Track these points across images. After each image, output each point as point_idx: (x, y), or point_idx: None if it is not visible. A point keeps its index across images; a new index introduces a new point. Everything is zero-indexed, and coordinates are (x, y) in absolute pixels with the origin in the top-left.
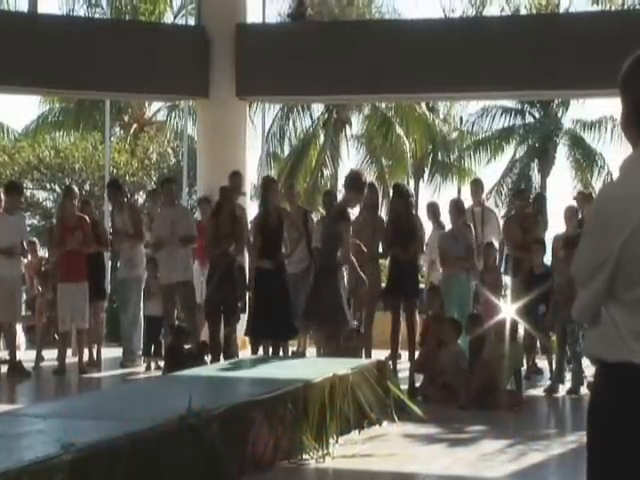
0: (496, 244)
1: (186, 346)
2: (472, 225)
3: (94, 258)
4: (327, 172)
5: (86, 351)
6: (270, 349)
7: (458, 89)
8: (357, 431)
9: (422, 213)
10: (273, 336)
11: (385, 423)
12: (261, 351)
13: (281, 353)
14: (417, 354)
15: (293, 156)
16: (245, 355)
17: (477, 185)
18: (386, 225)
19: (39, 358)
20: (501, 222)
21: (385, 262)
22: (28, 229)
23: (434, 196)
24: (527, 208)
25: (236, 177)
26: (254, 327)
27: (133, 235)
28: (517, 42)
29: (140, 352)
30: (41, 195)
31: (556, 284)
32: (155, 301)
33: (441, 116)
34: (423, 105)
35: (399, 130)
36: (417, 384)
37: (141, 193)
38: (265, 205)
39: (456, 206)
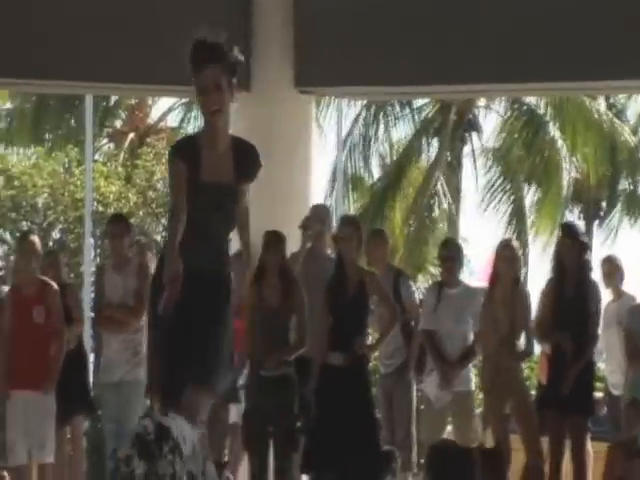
0: None
1: None
2: None
3: (69, 347)
4: (442, 204)
5: None
6: None
7: None
8: None
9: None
10: (346, 476)
11: None
12: None
13: None
14: None
15: (384, 180)
16: None
17: None
18: (543, 294)
19: None
20: None
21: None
22: None
23: (610, 246)
24: None
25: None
26: (315, 460)
27: (132, 309)
28: None
29: None
30: None
31: None
32: None
33: (630, 119)
34: (602, 102)
35: (553, 131)
36: None
37: None
38: (340, 264)
39: None
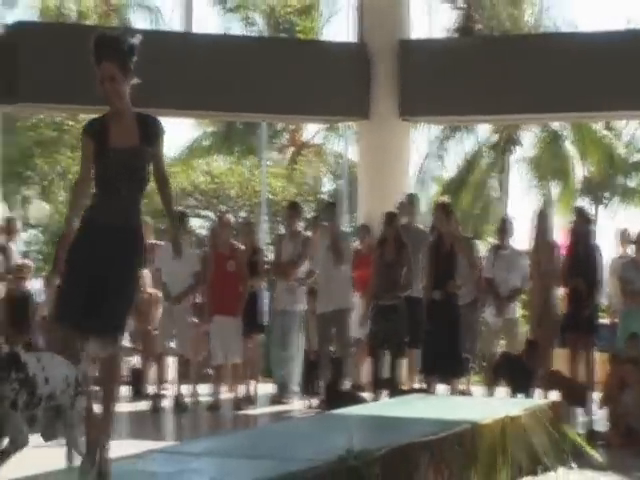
0: None
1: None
2: None
3: (253, 289)
4: (496, 195)
5: (241, 387)
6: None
7: None
8: (529, 478)
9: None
10: (441, 373)
11: (560, 470)
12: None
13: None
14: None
15: (456, 179)
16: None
17: None
18: (564, 254)
19: (194, 394)
20: None
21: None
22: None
23: (611, 222)
24: None
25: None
26: (424, 362)
27: (294, 265)
28: None
29: (296, 389)
30: (195, 222)
31: None
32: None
33: (624, 138)
34: (604, 125)
35: (569, 147)
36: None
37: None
38: (437, 234)
39: None
